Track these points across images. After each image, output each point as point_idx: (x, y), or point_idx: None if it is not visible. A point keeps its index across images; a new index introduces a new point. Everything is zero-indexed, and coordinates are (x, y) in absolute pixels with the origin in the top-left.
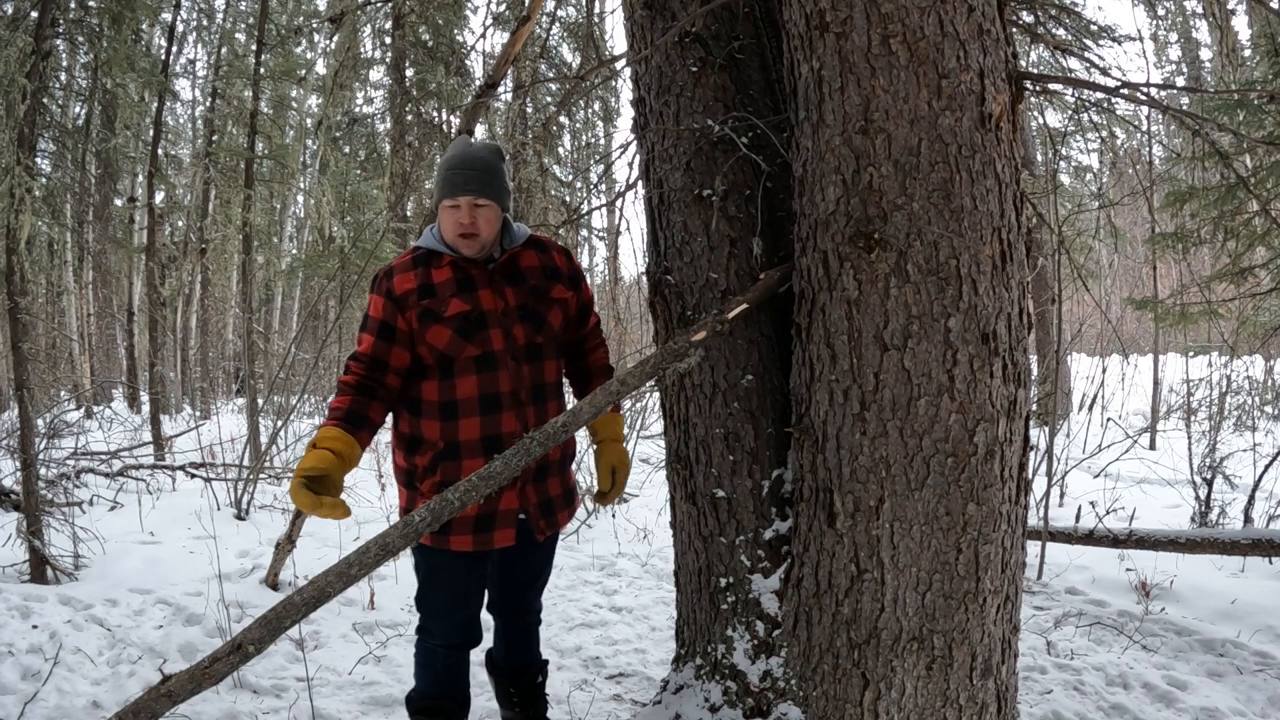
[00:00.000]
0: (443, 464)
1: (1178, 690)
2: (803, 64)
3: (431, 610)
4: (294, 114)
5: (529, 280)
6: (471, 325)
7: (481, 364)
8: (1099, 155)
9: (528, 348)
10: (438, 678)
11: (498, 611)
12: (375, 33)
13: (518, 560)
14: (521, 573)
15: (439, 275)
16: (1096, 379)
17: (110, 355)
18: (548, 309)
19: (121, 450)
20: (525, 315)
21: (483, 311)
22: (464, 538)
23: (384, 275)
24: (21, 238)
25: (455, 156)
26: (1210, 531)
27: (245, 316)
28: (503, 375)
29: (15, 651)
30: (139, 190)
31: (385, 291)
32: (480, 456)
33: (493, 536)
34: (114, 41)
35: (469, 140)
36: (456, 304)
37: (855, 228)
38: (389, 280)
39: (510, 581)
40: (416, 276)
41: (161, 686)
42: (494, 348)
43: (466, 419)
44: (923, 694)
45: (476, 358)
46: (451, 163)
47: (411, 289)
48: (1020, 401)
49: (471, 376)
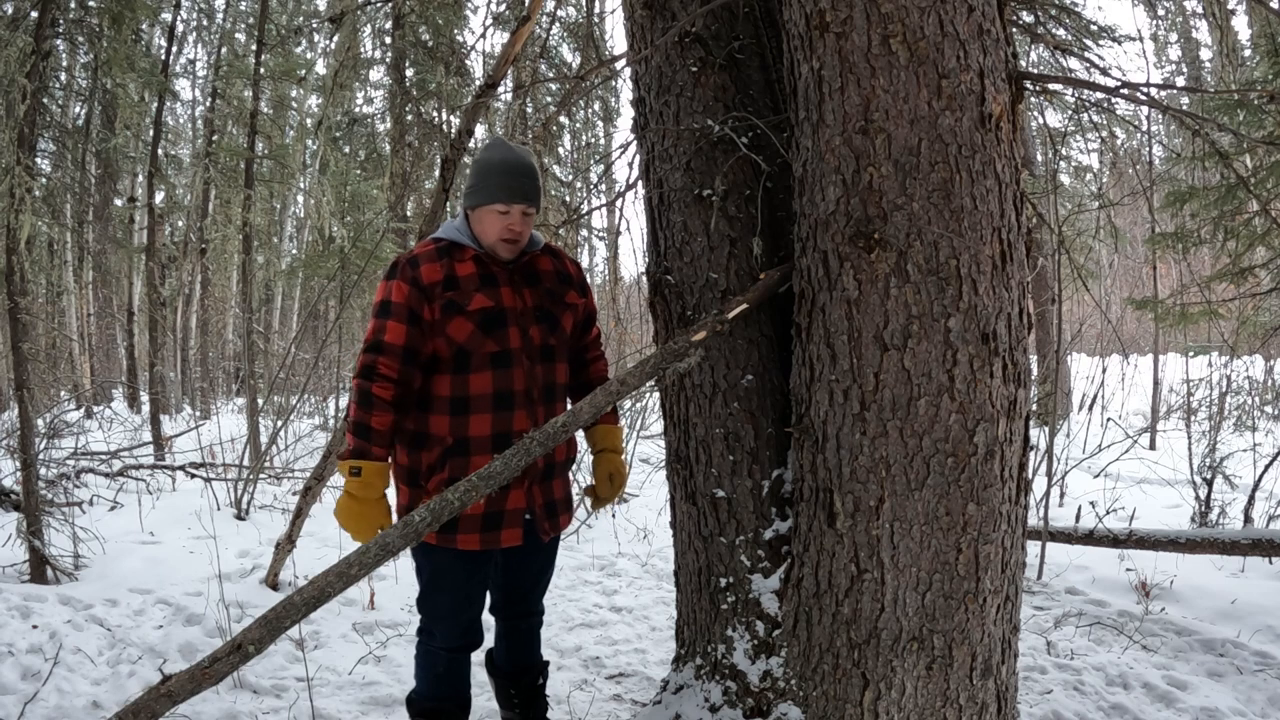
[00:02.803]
0: (451, 460)
1: (1178, 690)
2: (803, 64)
3: (434, 613)
4: (294, 114)
5: (545, 283)
6: (492, 321)
7: (498, 360)
8: (1099, 155)
9: (543, 348)
10: (439, 680)
11: (500, 613)
12: (375, 33)
13: (522, 562)
14: (525, 574)
15: (462, 269)
16: (1096, 379)
17: (110, 355)
18: (561, 312)
19: (121, 450)
20: (541, 316)
21: (504, 308)
22: (471, 536)
23: (408, 263)
24: (21, 238)
25: (506, 162)
26: (1210, 531)
27: (245, 316)
28: (517, 373)
29: (15, 651)
30: (139, 190)
31: (411, 280)
32: (489, 453)
33: (500, 535)
34: (114, 41)
35: (508, 143)
36: (480, 299)
37: (855, 228)
38: (415, 269)
39: (514, 583)
40: (442, 268)
41: (161, 686)
42: (511, 345)
43: (478, 415)
44: (923, 694)
45: (494, 354)
46: (503, 168)
47: (438, 280)
48: (1020, 401)
49: (487, 373)
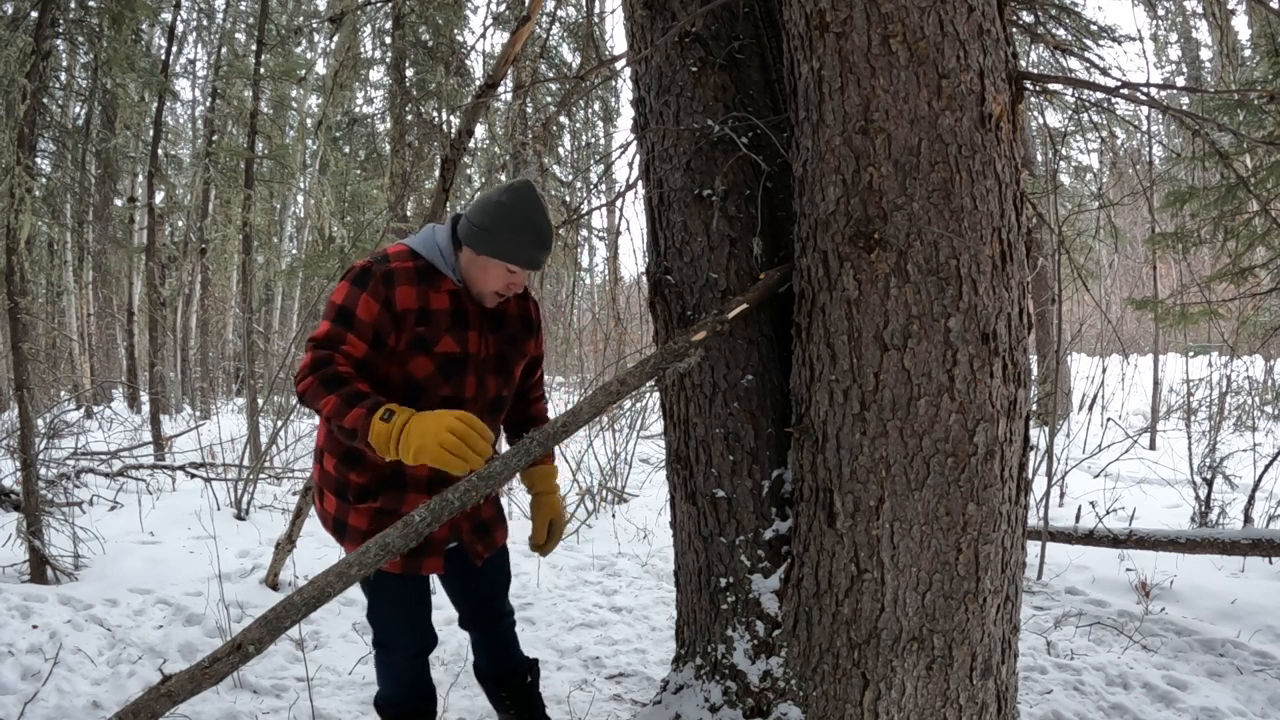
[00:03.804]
0: (386, 492)
1: (1178, 690)
2: (803, 64)
3: (386, 625)
4: (294, 114)
5: (509, 329)
6: (453, 367)
7: (447, 404)
8: (1099, 155)
9: (495, 399)
10: (406, 685)
11: (469, 625)
12: (375, 33)
13: (469, 572)
14: (480, 582)
15: (437, 300)
16: (1096, 379)
17: (110, 355)
18: (517, 361)
19: (121, 450)
20: (499, 366)
21: (468, 355)
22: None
23: (381, 278)
24: (21, 238)
25: (534, 226)
26: (1210, 531)
27: (245, 316)
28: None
29: (15, 651)
30: (139, 190)
31: (384, 301)
32: (425, 493)
33: (422, 563)
34: (114, 41)
35: (537, 197)
36: (448, 341)
37: (855, 228)
38: (389, 288)
39: (472, 593)
40: (418, 295)
41: (161, 686)
42: (466, 395)
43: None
44: (923, 694)
45: (445, 398)
46: (530, 231)
47: (412, 309)
48: (1020, 401)
49: None
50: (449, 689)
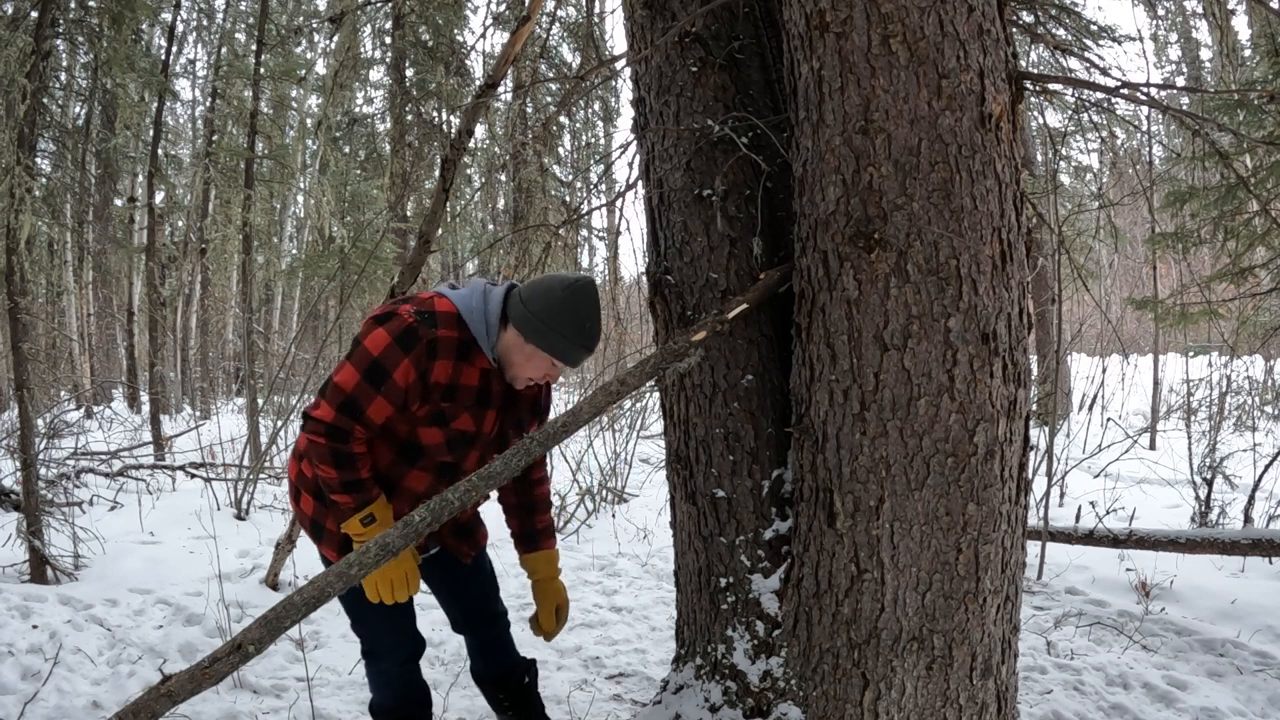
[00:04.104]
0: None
1: (1178, 690)
2: (803, 64)
3: (373, 635)
4: (294, 114)
5: (518, 412)
6: (462, 442)
7: (443, 470)
8: (1099, 155)
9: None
10: (399, 692)
11: (463, 629)
12: (375, 33)
13: (456, 574)
14: (471, 585)
15: (467, 377)
16: (1096, 379)
17: (110, 355)
18: (514, 440)
19: (121, 450)
20: (500, 443)
21: (479, 434)
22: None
23: (426, 348)
24: (21, 238)
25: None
26: (1210, 531)
27: (245, 316)
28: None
29: (15, 651)
30: (139, 190)
31: (421, 373)
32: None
33: None
34: (114, 41)
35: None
36: (465, 420)
37: (855, 228)
38: (430, 359)
39: (462, 598)
40: (451, 372)
41: (161, 686)
42: (465, 465)
43: (399, 500)
44: (923, 694)
45: (444, 464)
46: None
47: (443, 384)
48: (1020, 401)
49: (428, 475)
50: (449, 689)
